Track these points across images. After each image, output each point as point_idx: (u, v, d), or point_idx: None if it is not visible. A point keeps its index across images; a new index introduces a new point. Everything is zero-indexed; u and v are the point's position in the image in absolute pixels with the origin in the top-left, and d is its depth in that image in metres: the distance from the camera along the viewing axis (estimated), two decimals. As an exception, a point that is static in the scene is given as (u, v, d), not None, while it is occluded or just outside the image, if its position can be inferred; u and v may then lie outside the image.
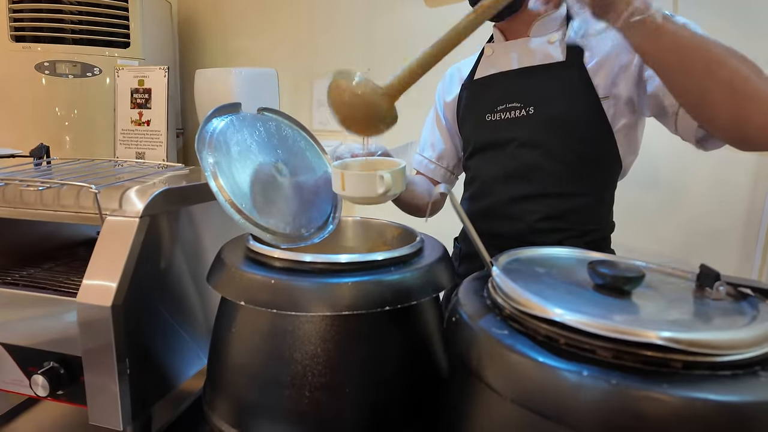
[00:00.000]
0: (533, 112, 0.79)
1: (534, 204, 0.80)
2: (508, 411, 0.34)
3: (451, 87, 0.95)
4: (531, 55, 0.81)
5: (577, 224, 0.80)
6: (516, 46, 0.84)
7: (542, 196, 0.80)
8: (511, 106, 0.81)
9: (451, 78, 0.96)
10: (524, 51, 0.82)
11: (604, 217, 0.84)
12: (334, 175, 0.62)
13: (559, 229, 0.80)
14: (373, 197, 0.60)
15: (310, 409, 0.46)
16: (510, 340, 0.34)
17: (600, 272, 0.39)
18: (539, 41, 0.81)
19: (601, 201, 0.81)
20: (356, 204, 0.66)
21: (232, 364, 0.50)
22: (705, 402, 0.27)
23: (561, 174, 0.78)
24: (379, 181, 0.59)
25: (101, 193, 0.57)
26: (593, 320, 0.32)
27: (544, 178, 0.79)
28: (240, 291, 0.48)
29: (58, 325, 0.56)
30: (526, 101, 0.80)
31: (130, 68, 0.80)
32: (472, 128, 0.89)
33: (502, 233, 0.84)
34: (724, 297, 0.39)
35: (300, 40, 1.97)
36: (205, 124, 0.62)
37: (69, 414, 0.73)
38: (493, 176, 0.85)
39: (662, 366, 0.30)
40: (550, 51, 0.79)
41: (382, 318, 0.47)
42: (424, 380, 0.52)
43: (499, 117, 0.83)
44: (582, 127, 0.76)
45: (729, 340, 0.30)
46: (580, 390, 0.29)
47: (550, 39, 0.80)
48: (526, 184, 0.80)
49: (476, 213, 0.88)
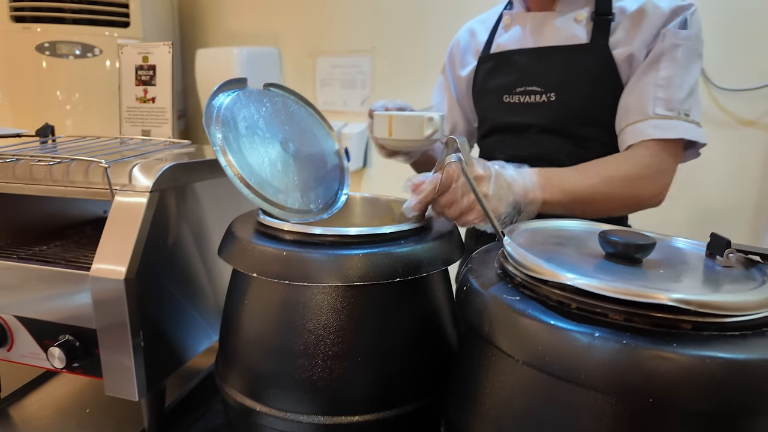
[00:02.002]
0: (554, 99, 0.76)
1: None
2: (521, 373, 0.35)
3: (465, 58, 0.91)
4: (555, 34, 0.77)
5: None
6: (539, 20, 0.79)
7: None
8: (530, 90, 0.78)
9: (466, 47, 0.91)
10: (548, 28, 0.78)
11: None
12: (378, 121, 0.64)
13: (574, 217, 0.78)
14: (419, 140, 0.63)
15: (323, 378, 0.47)
16: (522, 305, 0.35)
17: (611, 240, 0.39)
18: (565, 18, 0.76)
19: None
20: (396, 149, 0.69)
21: (245, 335, 0.51)
22: (714, 359, 0.28)
23: (582, 160, 0.75)
24: (427, 124, 0.61)
25: (111, 168, 0.57)
26: (605, 284, 0.32)
27: (565, 165, 0.76)
28: (252, 263, 0.48)
29: (72, 299, 0.57)
30: (546, 86, 0.77)
31: (134, 45, 0.79)
32: (488, 107, 0.86)
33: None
34: (734, 264, 0.40)
35: (302, 17, 1.94)
36: (212, 98, 0.61)
37: (82, 388, 0.74)
38: (510, 160, 0.81)
39: (673, 327, 0.31)
40: (576, 31, 0.75)
41: (393, 289, 0.48)
42: (434, 350, 0.53)
43: (517, 100, 0.80)
44: (605, 114, 0.75)
45: (738, 302, 0.31)
46: (592, 350, 0.30)
47: (577, 17, 0.75)
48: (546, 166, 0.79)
49: None
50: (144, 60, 0.77)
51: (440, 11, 1.68)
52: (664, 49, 0.70)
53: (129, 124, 0.81)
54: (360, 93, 1.88)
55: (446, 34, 1.67)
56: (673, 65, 0.70)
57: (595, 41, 0.74)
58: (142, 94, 0.79)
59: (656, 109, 0.70)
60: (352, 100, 1.90)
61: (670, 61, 0.70)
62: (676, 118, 0.69)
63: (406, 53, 1.76)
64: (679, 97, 0.70)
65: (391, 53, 1.79)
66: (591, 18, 0.75)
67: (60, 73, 1.84)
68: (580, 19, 0.75)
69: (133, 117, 0.81)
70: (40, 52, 1.80)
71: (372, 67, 1.83)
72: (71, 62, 1.82)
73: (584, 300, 0.33)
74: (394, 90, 1.81)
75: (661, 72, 0.70)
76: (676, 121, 0.69)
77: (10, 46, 1.82)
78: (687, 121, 0.69)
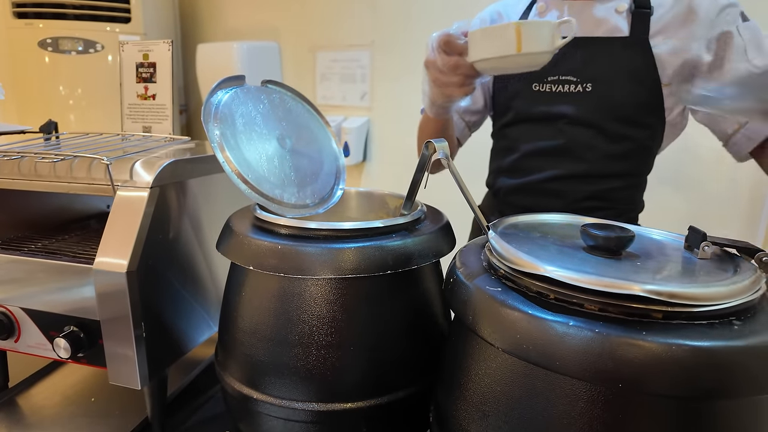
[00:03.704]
0: (591, 90, 0.74)
1: (580, 183, 0.78)
2: (502, 361, 0.36)
3: None
4: (595, 25, 0.74)
5: (617, 204, 0.79)
6: (577, 8, 0.76)
7: (589, 176, 0.77)
8: (564, 79, 0.75)
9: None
10: (588, 18, 0.75)
11: (638, 197, 0.83)
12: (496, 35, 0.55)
13: (599, 208, 0.78)
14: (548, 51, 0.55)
15: (317, 367, 0.49)
16: (503, 296, 0.37)
17: (591, 233, 0.41)
18: (605, 8, 0.74)
19: (640, 182, 0.80)
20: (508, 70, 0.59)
21: (243, 326, 0.53)
22: (680, 347, 0.30)
23: (611, 155, 0.75)
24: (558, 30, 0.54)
25: (112, 165, 0.59)
26: (581, 275, 0.34)
27: (593, 158, 0.76)
28: (249, 257, 0.50)
29: (76, 292, 0.59)
30: (583, 77, 0.74)
31: (134, 43, 0.81)
32: (513, 96, 0.82)
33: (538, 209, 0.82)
34: (710, 256, 0.41)
35: (302, 12, 1.95)
36: (210, 96, 0.63)
37: (87, 378, 0.77)
38: (537, 151, 0.80)
39: (644, 317, 0.32)
40: (617, 22, 0.73)
41: (385, 281, 0.50)
42: (425, 339, 0.55)
43: (549, 89, 0.77)
44: (640, 112, 0.74)
45: (707, 293, 0.32)
46: (566, 339, 0.32)
47: (618, 7, 0.73)
48: (574, 162, 0.77)
49: (514, 187, 0.84)
50: (144, 57, 0.79)
51: (439, 5, 1.69)
52: (747, 41, 0.69)
53: (130, 121, 0.83)
54: (359, 87, 1.89)
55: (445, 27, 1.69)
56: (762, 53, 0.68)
57: (635, 35, 0.72)
58: (142, 91, 0.81)
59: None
60: (351, 95, 1.91)
61: (756, 50, 0.69)
62: None
63: (405, 48, 1.77)
64: None
65: (391, 48, 1.80)
66: (631, 10, 0.73)
67: (62, 69, 1.85)
68: (621, 10, 0.73)
69: (134, 114, 0.82)
70: (42, 48, 1.81)
71: (371, 61, 1.83)
72: (73, 58, 1.84)
73: (562, 291, 0.35)
74: (394, 84, 1.82)
75: (754, 61, 0.68)
76: None
77: (13, 43, 1.84)
78: None
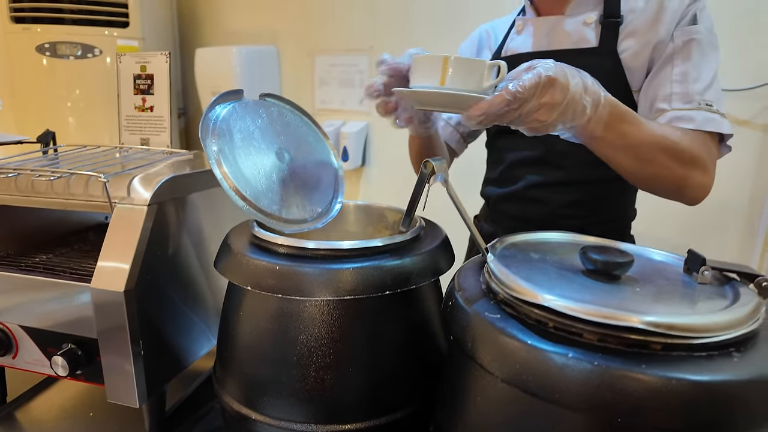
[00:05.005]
0: None
1: (560, 190, 0.80)
2: (500, 390, 0.36)
3: (481, 53, 0.91)
4: (564, 37, 0.78)
5: (600, 211, 0.80)
6: (549, 24, 0.80)
7: (568, 183, 0.79)
8: None
9: (480, 45, 0.91)
10: (558, 31, 0.78)
11: (628, 205, 0.84)
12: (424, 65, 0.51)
13: (580, 216, 0.80)
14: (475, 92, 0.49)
15: (316, 387, 0.49)
16: (502, 324, 0.36)
17: (591, 258, 0.41)
18: (574, 21, 0.77)
19: (625, 189, 0.81)
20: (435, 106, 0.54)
21: (241, 345, 0.53)
22: (681, 381, 0.29)
23: (589, 162, 0.73)
24: (489, 71, 0.49)
25: (110, 182, 0.58)
26: (580, 306, 0.34)
27: (572, 166, 0.78)
28: (247, 277, 0.50)
29: (74, 309, 0.59)
30: None
31: (132, 54, 0.80)
32: None
33: (525, 217, 0.85)
34: (710, 281, 0.41)
35: (301, 16, 1.95)
36: (208, 111, 0.63)
37: (86, 392, 0.77)
38: (519, 161, 0.84)
39: (643, 348, 0.32)
40: (585, 34, 0.76)
41: (383, 301, 0.50)
42: (424, 358, 0.54)
43: None
44: None
45: (705, 324, 0.32)
46: (565, 370, 0.32)
47: (586, 20, 0.76)
48: (553, 170, 0.80)
49: (502, 196, 0.88)
50: (142, 69, 0.78)
51: (437, 11, 1.68)
52: (675, 48, 0.70)
53: (128, 132, 0.83)
54: (358, 92, 1.89)
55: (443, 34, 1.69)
56: (687, 60, 0.69)
57: (604, 45, 0.74)
58: (140, 103, 0.80)
59: (673, 104, 0.68)
60: (350, 99, 1.90)
61: (683, 57, 0.69)
62: (698, 109, 0.67)
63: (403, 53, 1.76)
64: (696, 89, 0.68)
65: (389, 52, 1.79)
66: (600, 21, 0.75)
67: (60, 73, 1.85)
68: (589, 22, 0.75)
69: (132, 125, 0.82)
70: (40, 53, 1.81)
71: (370, 66, 1.83)
72: (71, 62, 1.83)
73: (561, 320, 0.34)
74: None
75: (675, 69, 0.69)
76: (697, 112, 0.67)
77: (11, 47, 1.84)
78: (710, 111, 0.67)
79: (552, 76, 0.49)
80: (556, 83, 0.49)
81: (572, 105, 0.51)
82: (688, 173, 0.64)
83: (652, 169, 0.63)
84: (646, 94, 0.73)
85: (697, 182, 0.65)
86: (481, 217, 0.99)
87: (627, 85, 0.74)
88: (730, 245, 1.40)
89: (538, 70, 0.49)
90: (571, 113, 0.51)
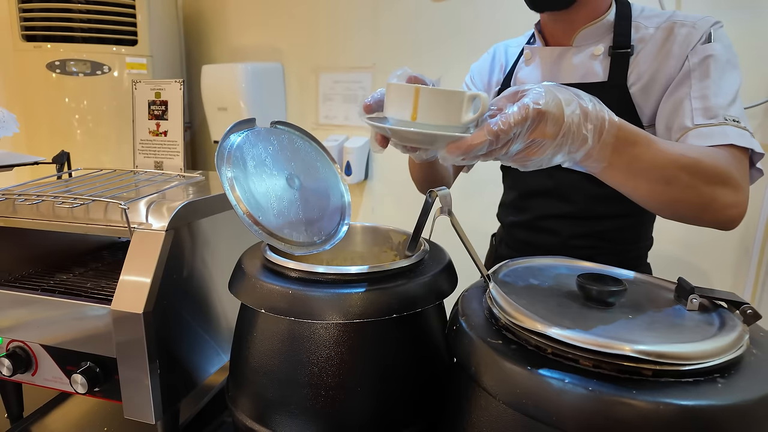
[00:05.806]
0: None
1: (571, 223, 0.79)
2: (502, 412, 0.39)
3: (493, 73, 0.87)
4: (572, 70, 0.76)
5: (613, 243, 0.79)
6: (556, 55, 0.77)
7: (579, 217, 0.78)
8: None
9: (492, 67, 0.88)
10: (566, 64, 0.76)
11: (642, 234, 0.82)
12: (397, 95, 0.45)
13: (592, 246, 0.80)
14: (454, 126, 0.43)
15: (326, 407, 0.51)
16: (504, 349, 0.39)
17: (585, 287, 0.44)
18: (582, 54, 0.75)
19: (640, 222, 0.80)
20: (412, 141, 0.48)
21: (253, 365, 0.56)
22: (668, 406, 0.32)
23: (599, 196, 0.74)
24: (469, 103, 0.42)
25: (129, 208, 0.61)
26: (576, 334, 0.36)
27: (581, 200, 0.77)
28: (260, 300, 0.52)
29: (93, 329, 0.61)
30: None
31: (147, 81, 0.84)
32: None
33: (537, 244, 0.85)
34: (698, 308, 0.44)
35: (306, 34, 1.99)
36: (223, 140, 0.66)
37: (100, 407, 0.79)
38: (530, 191, 0.84)
39: (635, 374, 0.35)
40: (594, 67, 0.74)
41: (390, 324, 0.52)
42: (430, 377, 0.57)
43: None
44: None
45: (692, 352, 0.35)
46: (562, 395, 0.34)
47: (594, 52, 0.74)
48: (563, 203, 0.79)
49: (515, 223, 0.89)
50: (156, 96, 0.82)
51: (439, 29, 1.73)
52: (691, 66, 0.66)
53: (142, 156, 0.86)
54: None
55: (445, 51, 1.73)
56: (706, 77, 0.65)
57: (613, 79, 0.72)
58: (154, 128, 0.84)
59: (696, 120, 0.63)
60: (353, 115, 1.94)
61: (700, 74, 0.65)
62: (723, 124, 0.61)
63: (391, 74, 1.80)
64: (719, 104, 0.63)
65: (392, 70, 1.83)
66: (608, 53, 0.73)
67: (70, 90, 1.89)
68: (597, 54, 0.74)
69: (146, 149, 0.85)
70: (50, 70, 1.85)
71: (373, 82, 1.87)
72: (81, 79, 1.88)
73: (558, 347, 0.37)
74: (395, 105, 1.85)
75: (693, 86, 0.65)
76: (722, 127, 0.60)
77: (22, 65, 1.88)
78: (737, 127, 0.61)
79: (541, 109, 0.42)
80: (547, 116, 0.42)
81: (569, 137, 0.44)
82: (716, 192, 0.56)
83: (673, 191, 0.55)
84: (662, 117, 0.69)
85: (728, 201, 0.57)
86: (497, 238, 0.99)
87: (638, 120, 0.72)
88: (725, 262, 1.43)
89: (525, 102, 0.42)
90: (569, 146, 0.44)
